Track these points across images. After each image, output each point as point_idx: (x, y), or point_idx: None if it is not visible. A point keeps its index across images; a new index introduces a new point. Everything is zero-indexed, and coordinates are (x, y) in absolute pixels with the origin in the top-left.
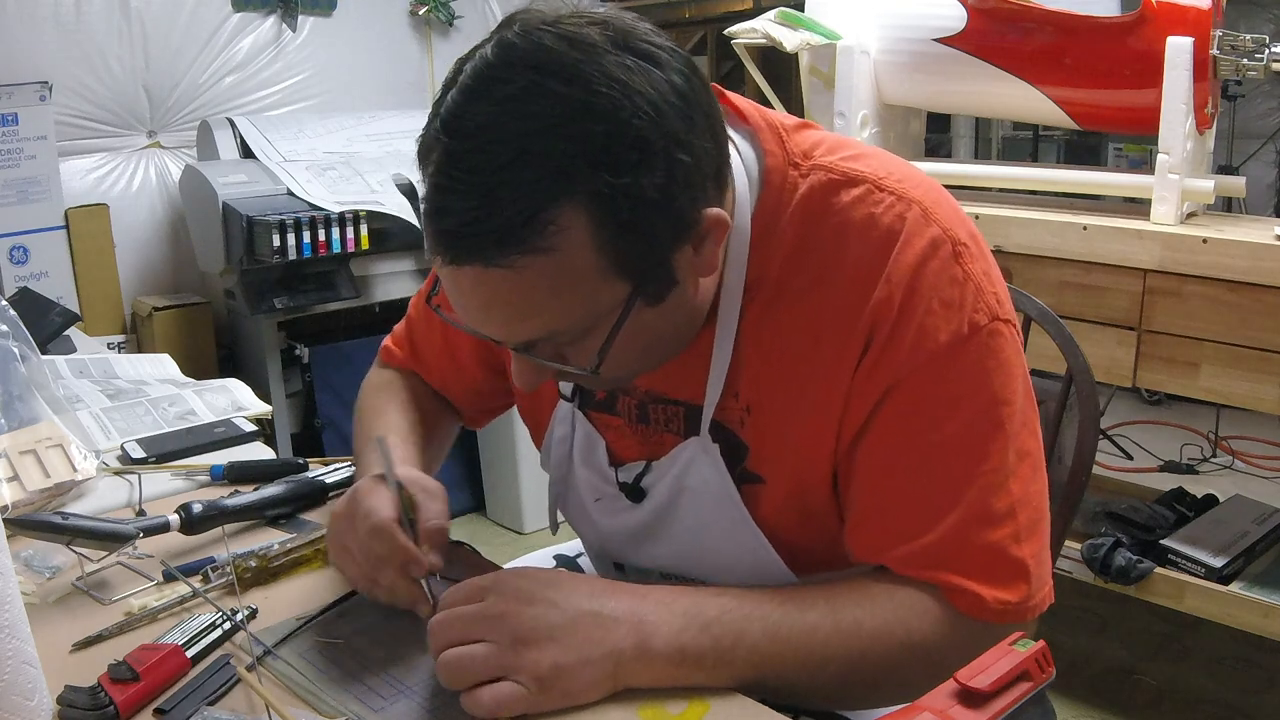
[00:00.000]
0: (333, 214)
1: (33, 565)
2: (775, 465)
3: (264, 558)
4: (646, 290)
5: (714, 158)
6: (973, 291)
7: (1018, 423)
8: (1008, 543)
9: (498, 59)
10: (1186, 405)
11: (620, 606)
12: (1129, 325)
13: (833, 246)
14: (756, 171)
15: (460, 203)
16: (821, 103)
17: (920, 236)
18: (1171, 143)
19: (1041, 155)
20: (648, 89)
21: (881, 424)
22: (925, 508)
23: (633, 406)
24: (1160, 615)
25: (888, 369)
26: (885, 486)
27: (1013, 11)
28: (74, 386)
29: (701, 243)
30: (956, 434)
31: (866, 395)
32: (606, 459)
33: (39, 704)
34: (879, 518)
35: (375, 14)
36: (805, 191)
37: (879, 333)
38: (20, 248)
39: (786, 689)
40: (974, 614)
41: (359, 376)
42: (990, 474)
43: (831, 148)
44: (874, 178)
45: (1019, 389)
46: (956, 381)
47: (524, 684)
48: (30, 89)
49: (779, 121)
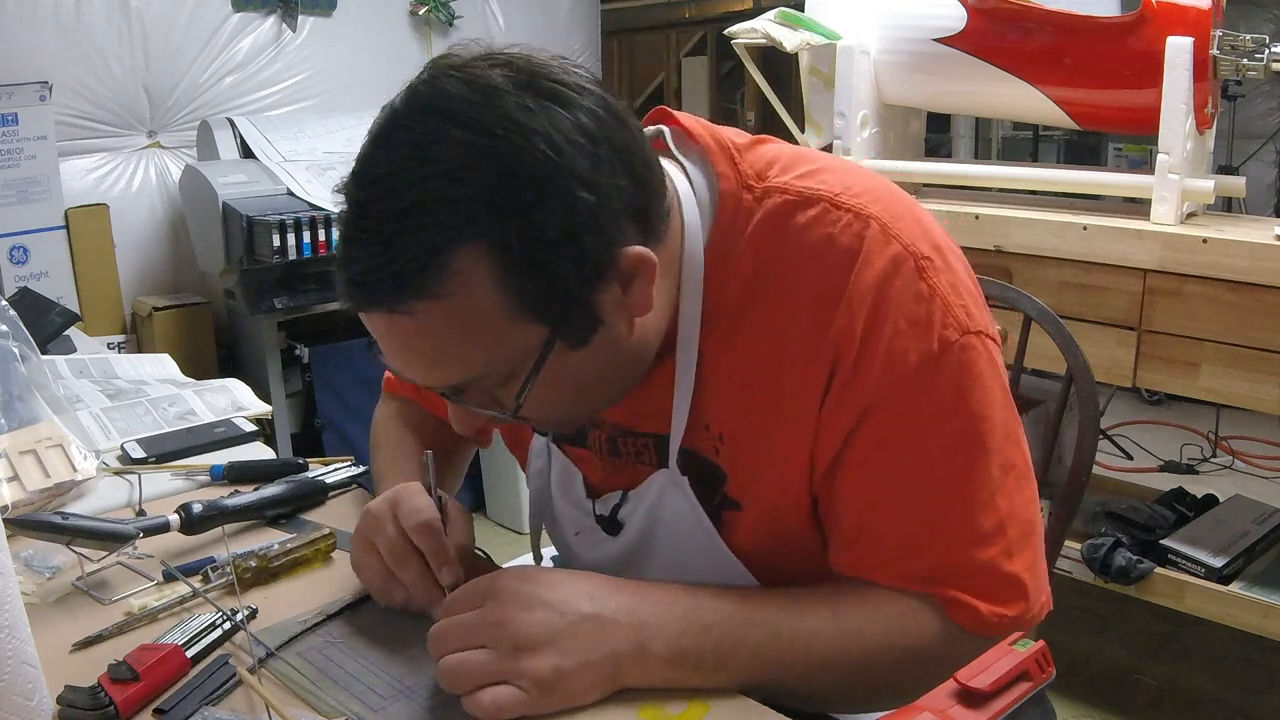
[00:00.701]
0: (332, 214)
1: (33, 565)
2: (752, 491)
3: (264, 558)
4: (565, 333)
5: (633, 196)
6: (940, 307)
7: (999, 437)
8: (1000, 560)
9: (404, 106)
10: (1186, 405)
11: (620, 608)
12: (1129, 325)
13: (792, 270)
14: (709, 196)
15: (362, 251)
16: (821, 103)
17: (880, 255)
18: (1171, 143)
19: (1041, 155)
20: (547, 129)
21: (858, 449)
22: (912, 532)
23: (602, 440)
24: (1160, 615)
25: (858, 395)
26: (868, 512)
27: (1013, 11)
28: (74, 386)
29: (629, 283)
30: (936, 456)
31: (838, 423)
32: (584, 491)
33: (39, 704)
34: (864, 542)
35: (375, 14)
36: (761, 216)
37: (844, 359)
38: (20, 248)
39: (785, 692)
40: (973, 628)
41: (359, 376)
42: (975, 493)
43: (787, 165)
44: (829, 195)
45: (997, 401)
46: (931, 403)
47: (524, 688)
48: (30, 89)
49: (730, 141)
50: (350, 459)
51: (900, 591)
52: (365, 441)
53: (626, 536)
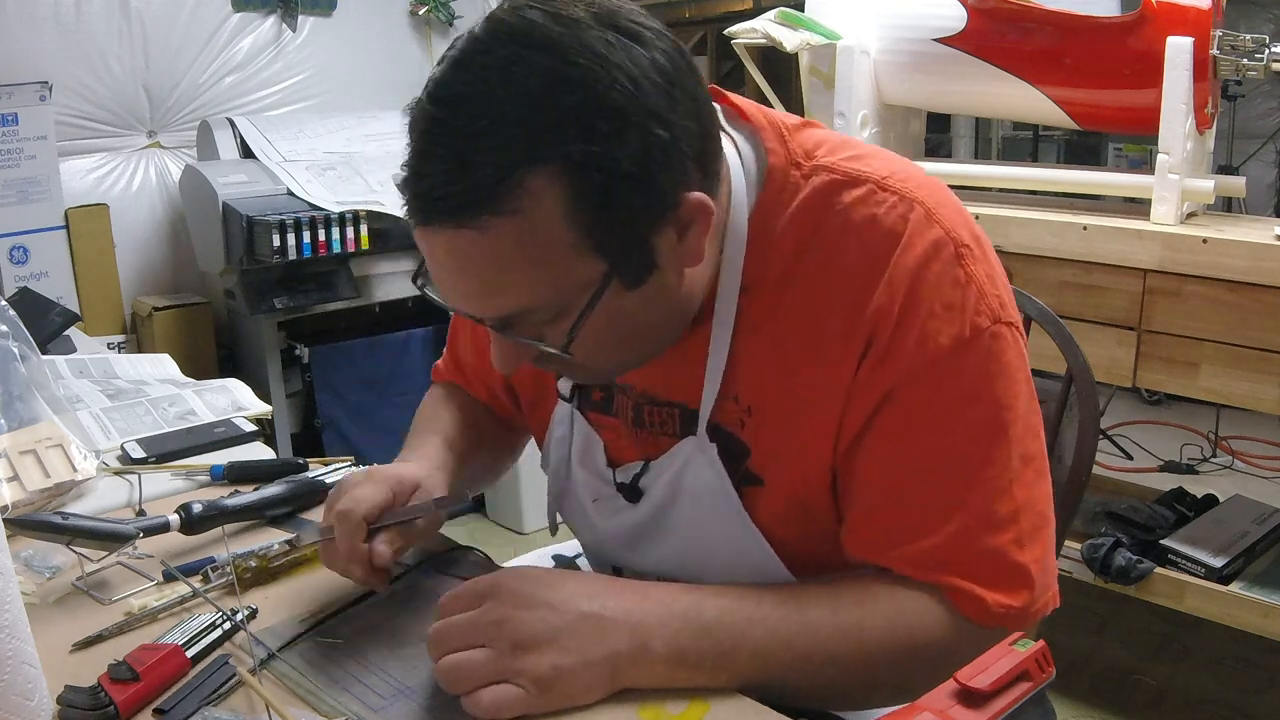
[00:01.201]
0: (333, 214)
1: (33, 565)
2: (776, 467)
3: (264, 558)
4: (623, 270)
5: (697, 140)
6: (975, 294)
7: (1021, 427)
8: (1010, 548)
9: (484, 33)
10: (1186, 405)
11: (619, 608)
12: (1129, 325)
13: (834, 247)
14: (756, 171)
15: (435, 166)
16: (821, 103)
17: (922, 238)
18: (1171, 143)
19: (1041, 155)
20: (627, 64)
21: (882, 427)
22: (927, 511)
23: (629, 408)
24: (1160, 615)
25: (888, 372)
26: (886, 490)
27: (1013, 11)
28: (74, 386)
29: (685, 230)
30: (959, 438)
31: (866, 398)
32: (604, 459)
33: (39, 704)
34: (879, 520)
35: (375, 14)
36: (808, 193)
37: (880, 336)
38: (20, 248)
39: (787, 689)
40: (976, 618)
41: (359, 376)
42: (993, 479)
43: (834, 148)
44: (877, 178)
45: (1022, 392)
46: (959, 386)
47: (524, 687)
48: (30, 89)
49: (781, 121)
50: (350, 459)
51: (902, 585)
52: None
53: (646, 504)
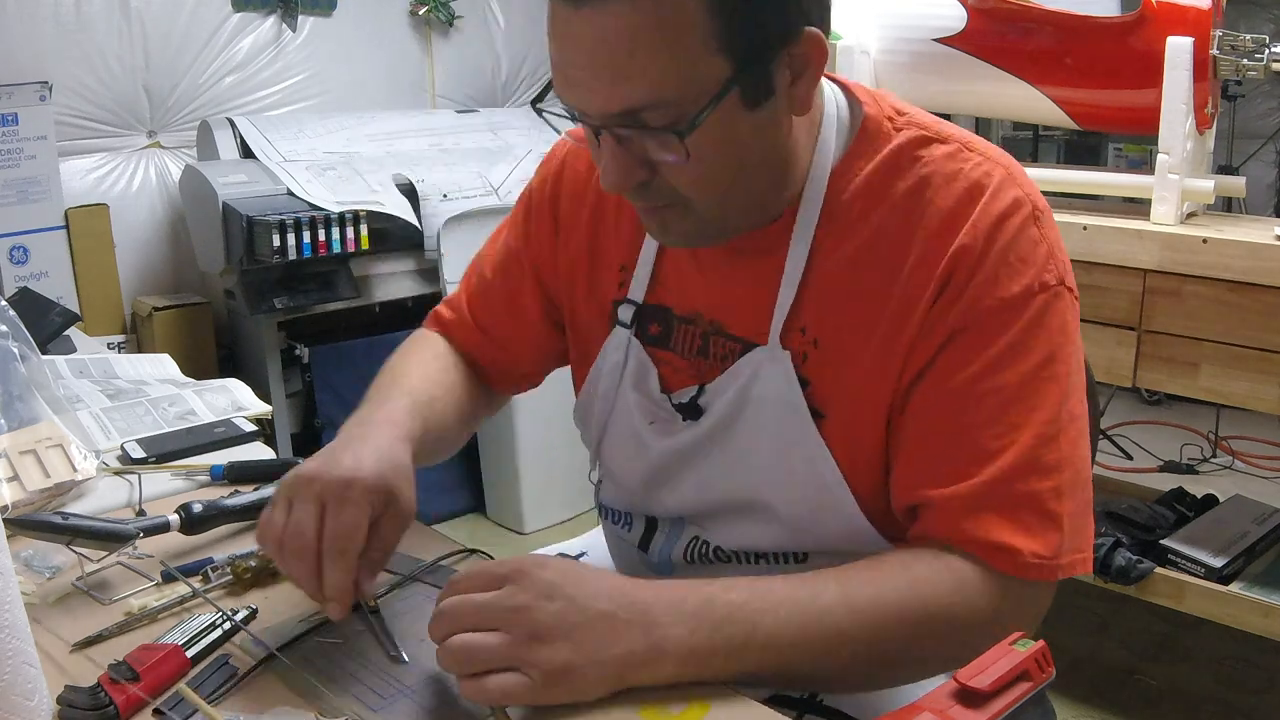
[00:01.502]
0: (333, 214)
1: (33, 565)
2: (834, 403)
3: (264, 558)
4: (745, 81)
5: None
6: (1046, 253)
7: (1072, 383)
8: (1049, 495)
9: None
10: (1186, 405)
11: (635, 609)
12: (1129, 325)
13: (919, 194)
14: (850, 118)
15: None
16: None
17: (1007, 193)
18: (1171, 143)
19: (1041, 155)
20: None
21: (943, 365)
22: (976, 447)
23: (696, 336)
24: (1160, 615)
25: (958, 312)
26: (939, 424)
27: (1013, 11)
28: (74, 386)
29: (800, 72)
30: (1016, 382)
31: (933, 335)
32: (659, 386)
33: (39, 704)
34: (929, 455)
35: (375, 14)
36: (900, 141)
37: (957, 276)
38: (20, 248)
39: (804, 677)
40: (1008, 570)
41: (359, 376)
42: (1043, 425)
43: (921, 112)
44: (964, 139)
45: (1074, 355)
46: (1020, 331)
47: (532, 677)
48: (30, 89)
49: (873, 90)
50: None
51: (915, 556)
52: None
53: (708, 420)
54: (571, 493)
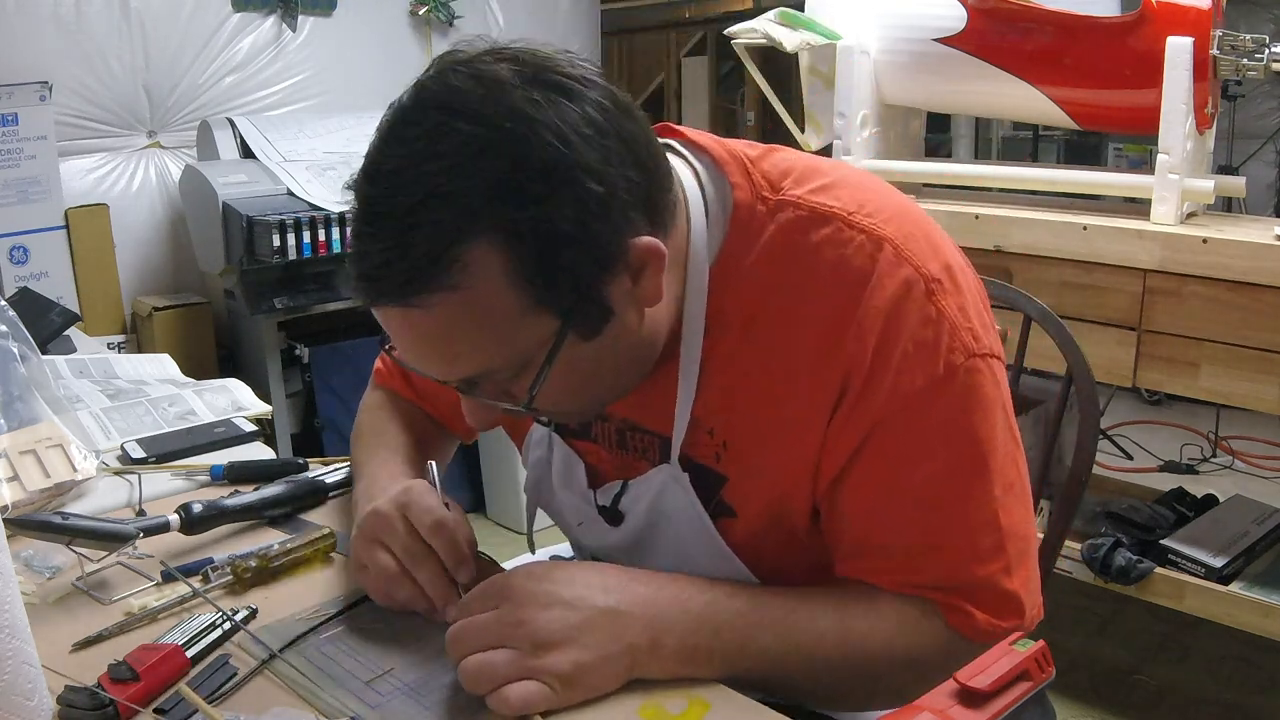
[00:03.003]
0: (333, 214)
1: (33, 565)
2: (752, 498)
3: (264, 558)
4: (577, 324)
5: (641, 185)
6: (947, 330)
7: (1000, 458)
8: (999, 576)
9: (411, 102)
10: (1186, 405)
11: (635, 601)
12: (1129, 325)
13: (802, 289)
14: (719, 204)
15: (374, 246)
16: (821, 103)
17: (892, 278)
18: (1171, 143)
19: (1041, 155)
20: (555, 121)
21: (864, 467)
22: (914, 548)
23: (611, 432)
24: (1160, 615)
25: (865, 415)
26: (872, 528)
27: (1013, 11)
28: (74, 386)
29: (639, 273)
30: (939, 476)
31: (844, 441)
32: (585, 480)
33: (39, 704)
34: (868, 555)
35: (375, 14)
36: (774, 230)
37: (853, 381)
38: (20, 248)
39: (788, 687)
40: (966, 634)
41: (359, 376)
42: (976, 512)
43: (800, 177)
44: (844, 214)
45: (999, 422)
46: (936, 425)
47: (549, 684)
48: (30, 89)
49: (743, 152)
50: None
51: (905, 598)
52: None
53: (629, 526)
54: None
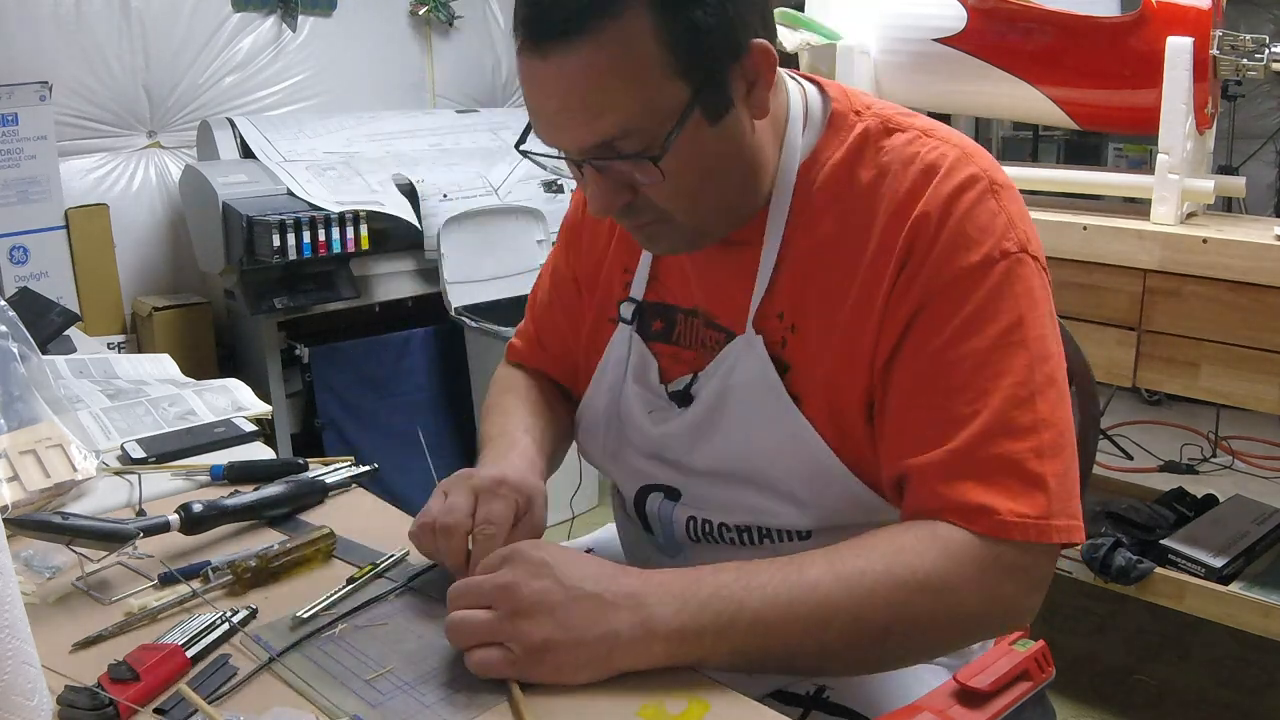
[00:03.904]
0: (333, 214)
1: (33, 565)
2: (811, 391)
3: (264, 558)
4: (704, 100)
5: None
6: (1004, 223)
7: (1042, 346)
8: (1028, 456)
9: None
10: (1186, 405)
11: (621, 591)
12: (1129, 325)
13: (878, 180)
14: (820, 113)
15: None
16: None
17: (960, 171)
18: (1171, 143)
19: (1041, 155)
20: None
21: (913, 339)
22: (947, 417)
23: (697, 328)
24: (1160, 615)
25: (920, 285)
26: (913, 397)
27: (1013, 11)
28: (74, 386)
29: (754, 83)
30: (984, 347)
31: (899, 314)
32: (658, 376)
33: (39, 704)
34: (906, 426)
35: (375, 14)
36: (861, 130)
37: (917, 248)
38: (20, 248)
39: (794, 655)
40: (990, 531)
41: (359, 376)
42: (1013, 388)
43: (888, 105)
44: (924, 127)
45: (1044, 320)
46: (983, 300)
47: (513, 650)
48: (30, 89)
49: (847, 88)
50: (350, 459)
51: (903, 529)
52: (365, 441)
53: (697, 408)
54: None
